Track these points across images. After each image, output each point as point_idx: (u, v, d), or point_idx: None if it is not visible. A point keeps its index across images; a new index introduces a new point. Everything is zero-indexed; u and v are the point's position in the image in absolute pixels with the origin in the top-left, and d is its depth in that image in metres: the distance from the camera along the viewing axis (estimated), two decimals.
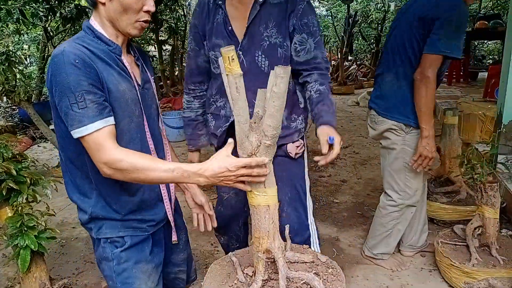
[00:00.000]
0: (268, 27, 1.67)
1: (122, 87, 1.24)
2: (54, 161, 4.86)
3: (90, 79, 1.14)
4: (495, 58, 9.85)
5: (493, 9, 10.19)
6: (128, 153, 1.15)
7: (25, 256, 1.97)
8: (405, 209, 2.40)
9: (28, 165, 2.20)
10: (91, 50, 1.19)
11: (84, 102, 1.12)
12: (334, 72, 9.34)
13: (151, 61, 1.52)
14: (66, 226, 3.27)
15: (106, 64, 1.20)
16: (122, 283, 1.35)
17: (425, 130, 2.12)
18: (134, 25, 1.23)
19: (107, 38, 1.24)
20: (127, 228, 1.34)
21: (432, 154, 2.14)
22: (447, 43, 2.00)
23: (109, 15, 1.22)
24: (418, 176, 2.34)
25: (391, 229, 2.45)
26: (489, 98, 5.01)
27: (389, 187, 2.39)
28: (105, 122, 1.15)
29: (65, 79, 1.12)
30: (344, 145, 5.06)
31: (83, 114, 1.12)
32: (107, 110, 1.17)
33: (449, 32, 1.99)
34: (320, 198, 3.57)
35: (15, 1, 4.24)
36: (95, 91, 1.14)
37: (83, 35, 1.24)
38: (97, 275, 2.59)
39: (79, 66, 1.12)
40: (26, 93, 4.24)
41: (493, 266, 2.15)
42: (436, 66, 2.05)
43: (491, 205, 2.19)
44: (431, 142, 2.13)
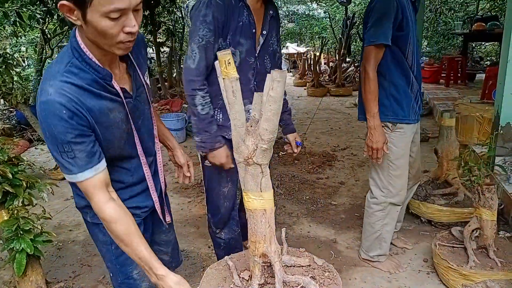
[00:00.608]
0: (273, 36, 2.02)
1: (114, 114, 1.23)
2: (52, 163, 4.84)
3: (78, 130, 1.12)
4: (492, 59, 9.85)
5: (490, 11, 10.20)
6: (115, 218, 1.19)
7: (21, 260, 1.96)
8: (389, 208, 2.38)
9: (24, 168, 2.19)
10: (79, 85, 1.13)
11: (72, 152, 1.12)
12: (332, 74, 9.34)
13: (146, 47, 1.47)
14: (63, 229, 3.25)
15: (95, 96, 1.17)
16: (121, 265, 1.43)
17: (368, 121, 2.14)
18: (117, 46, 1.13)
19: (96, 64, 1.16)
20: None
21: (377, 144, 2.12)
22: (374, 32, 2.05)
23: (89, 37, 1.13)
24: (402, 176, 2.33)
25: (379, 230, 2.44)
26: (486, 100, 5.01)
27: (374, 183, 2.39)
28: (94, 171, 1.16)
29: (52, 130, 1.10)
30: (342, 147, 5.06)
31: (72, 163, 1.14)
32: (97, 156, 1.17)
33: (374, 21, 2.05)
34: (318, 200, 3.57)
35: (12, 3, 4.23)
36: (83, 140, 1.13)
37: (71, 60, 1.15)
38: (94, 279, 2.58)
39: (66, 118, 1.09)
40: (23, 95, 4.23)
41: (490, 269, 2.15)
42: (373, 57, 2.08)
43: (489, 207, 2.18)
44: (374, 133, 2.12)
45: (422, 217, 3.01)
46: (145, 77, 1.39)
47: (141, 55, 1.39)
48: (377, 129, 2.12)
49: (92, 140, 1.17)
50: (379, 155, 2.17)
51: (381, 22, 2.04)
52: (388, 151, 2.21)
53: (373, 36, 2.06)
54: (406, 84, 2.18)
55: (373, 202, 2.41)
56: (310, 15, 15.94)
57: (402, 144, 2.25)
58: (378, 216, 2.41)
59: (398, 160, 2.27)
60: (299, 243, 2.88)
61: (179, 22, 8.80)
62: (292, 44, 14.14)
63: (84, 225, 3.21)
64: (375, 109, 2.11)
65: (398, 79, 2.17)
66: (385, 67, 2.14)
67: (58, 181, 4.30)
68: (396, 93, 2.18)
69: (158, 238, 1.66)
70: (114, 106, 1.23)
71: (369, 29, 2.08)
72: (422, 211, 2.98)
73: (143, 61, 1.40)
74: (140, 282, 1.46)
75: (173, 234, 1.74)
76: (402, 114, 2.20)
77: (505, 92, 3.18)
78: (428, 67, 8.25)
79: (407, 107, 2.20)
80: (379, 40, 2.05)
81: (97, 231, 1.42)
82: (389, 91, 2.18)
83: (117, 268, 1.43)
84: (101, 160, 1.19)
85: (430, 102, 6.61)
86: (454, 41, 10.56)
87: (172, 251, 1.75)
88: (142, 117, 1.38)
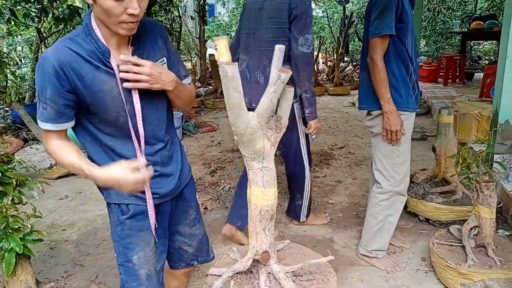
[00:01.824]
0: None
1: (109, 86, 1.30)
2: (46, 163, 4.80)
3: (57, 90, 1.27)
4: (491, 59, 9.84)
5: (488, 9, 10.18)
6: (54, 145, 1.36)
7: (10, 259, 1.92)
8: (394, 197, 2.41)
9: (14, 166, 2.15)
10: (79, 53, 1.27)
11: (46, 105, 1.29)
12: (330, 73, 9.31)
13: (166, 34, 1.49)
14: (56, 228, 3.21)
15: (92, 66, 1.28)
16: (124, 247, 1.48)
17: (383, 106, 2.25)
18: (120, 26, 1.25)
19: (99, 40, 1.28)
20: (131, 197, 1.44)
21: (395, 127, 2.23)
22: (378, 24, 2.17)
23: (97, 15, 1.27)
24: (406, 163, 2.38)
25: (382, 221, 2.45)
26: (485, 98, 4.99)
27: (380, 175, 2.42)
28: (56, 127, 1.33)
29: (38, 81, 1.29)
30: (339, 146, 5.03)
31: (43, 113, 1.32)
32: (64, 118, 1.32)
33: (378, 14, 2.17)
34: (315, 199, 3.52)
35: (5, 0, 4.18)
36: (57, 100, 1.28)
37: (79, 33, 1.31)
38: (87, 278, 2.53)
39: (49, 76, 1.25)
40: (17, 94, 4.19)
41: (489, 267, 2.12)
42: (379, 48, 2.19)
43: (487, 205, 2.15)
44: (391, 116, 2.23)
45: (420, 216, 2.97)
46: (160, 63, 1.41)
47: (156, 43, 1.43)
48: (393, 113, 2.24)
49: (67, 104, 1.30)
50: (399, 136, 2.27)
51: (384, 14, 2.15)
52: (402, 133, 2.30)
53: (378, 28, 2.17)
54: (406, 74, 2.28)
55: (379, 192, 2.44)
56: None
57: (408, 131, 2.33)
58: (383, 206, 2.43)
59: (401, 146, 2.33)
60: (296, 242, 2.83)
61: (176, 21, 8.76)
62: None
63: (78, 225, 3.21)
64: (388, 95, 2.23)
65: (397, 69, 2.26)
66: (385, 58, 2.23)
67: (53, 180, 4.26)
68: (395, 82, 2.27)
69: (182, 229, 1.69)
70: (110, 79, 1.31)
71: (373, 22, 2.19)
72: (420, 209, 2.94)
73: (158, 49, 1.43)
74: (138, 267, 1.49)
75: (200, 229, 1.74)
76: (401, 102, 2.28)
77: (503, 90, 3.15)
78: (427, 66, 8.22)
79: (406, 96, 2.29)
80: (384, 31, 2.16)
81: (109, 210, 1.50)
82: (389, 80, 2.25)
83: (120, 250, 1.49)
84: (65, 122, 1.33)
85: (428, 101, 6.57)
86: (452, 40, 10.54)
87: (198, 245, 1.74)
88: (148, 101, 1.39)
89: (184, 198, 1.64)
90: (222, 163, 4.51)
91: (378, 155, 2.43)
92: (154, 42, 1.42)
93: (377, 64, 2.21)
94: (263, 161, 1.18)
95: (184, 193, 1.63)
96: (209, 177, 4.12)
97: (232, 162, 4.54)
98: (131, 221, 1.46)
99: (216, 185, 3.91)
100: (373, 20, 2.20)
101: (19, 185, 2.12)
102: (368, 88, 2.35)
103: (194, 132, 5.98)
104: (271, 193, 1.22)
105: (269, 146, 1.14)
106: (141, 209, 1.46)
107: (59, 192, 3.94)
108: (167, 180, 1.51)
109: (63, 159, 1.36)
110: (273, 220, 1.25)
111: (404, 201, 2.48)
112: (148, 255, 1.50)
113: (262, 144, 1.15)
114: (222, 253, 2.72)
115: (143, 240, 1.48)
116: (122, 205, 1.46)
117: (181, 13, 8.74)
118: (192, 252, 1.74)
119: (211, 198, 3.61)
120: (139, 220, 1.47)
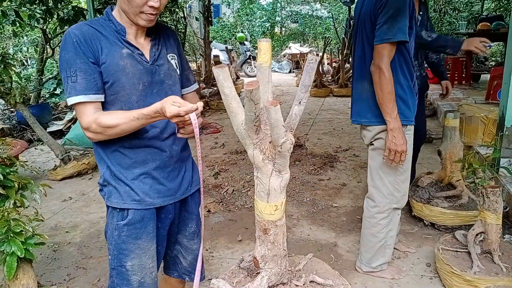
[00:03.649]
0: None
1: (124, 62, 1.37)
2: (51, 163, 4.81)
3: (84, 57, 1.31)
4: (497, 60, 9.76)
5: (495, 10, 10.10)
6: (97, 115, 1.31)
7: (11, 263, 1.91)
8: (392, 213, 2.29)
9: (16, 169, 2.14)
10: (98, 29, 1.36)
11: (76, 77, 1.31)
12: (335, 74, 9.27)
13: (178, 39, 1.61)
14: (59, 231, 3.21)
15: (109, 41, 1.36)
16: (119, 252, 1.48)
17: (389, 123, 2.02)
18: (140, 16, 1.34)
19: (117, 21, 1.39)
20: (132, 201, 1.44)
21: (401, 147, 2.02)
22: (389, 29, 1.94)
23: (120, 5, 1.37)
24: (407, 179, 2.26)
25: (384, 238, 2.33)
26: (491, 100, 4.94)
27: (376, 191, 2.27)
28: (88, 98, 1.31)
29: (65, 55, 1.32)
30: (344, 148, 5.00)
31: (73, 87, 1.31)
32: (96, 88, 1.33)
33: (389, 17, 1.94)
34: (319, 202, 3.50)
35: (10, 2, 4.19)
36: (87, 68, 1.31)
37: (98, 19, 1.42)
38: (89, 282, 2.53)
39: (77, 45, 1.31)
40: (22, 95, 4.20)
41: (495, 274, 2.08)
42: (386, 55, 1.97)
43: (493, 211, 2.12)
44: (397, 134, 2.01)
45: (425, 220, 2.94)
46: (169, 57, 1.50)
47: (168, 40, 1.54)
48: (400, 131, 2.02)
49: (96, 71, 1.33)
50: (403, 158, 2.06)
51: (397, 18, 1.93)
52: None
53: (388, 32, 1.95)
54: (411, 83, 2.11)
55: (376, 211, 2.29)
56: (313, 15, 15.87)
57: (409, 147, 2.15)
58: (383, 225, 2.30)
59: (405, 163, 2.16)
60: (299, 247, 2.82)
61: (181, 22, 8.76)
62: (295, 45, 14.07)
63: (81, 227, 3.21)
64: (396, 110, 2.01)
65: (403, 79, 2.08)
66: (391, 66, 2.02)
67: (57, 181, 4.27)
68: (402, 93, 2.09)
69: (181, 239, 1.69)
70: (127, 56, 1.38)
71: (382, 26, 1.97)
72: (425, 214, 2.91)
73: (170, 46, 1.53)
74: (131, 273, 1.49)
75: (197, 245, 1.71)
76: (410, 115, 2.13)
77: (510, 93, 3.11)
78: None
79: (413, 107, 2.14)
80: (396, 37, 1.95)
81: (108, 212, 1.51)
82: (396, 92, 2.05)
83: (114, 254, 1.49)
84: (98, 93, 1.34)
85: (434, 102, 6.52)
86: None
87: (193, 261, 1.72)
88: (158, 87, 1.44)
89: (187, 208, 1.64)
90: (226, 165, 4.49)
91: (378, 171, 2.24)
92: (167, 39, 1.53)
93: (384, 74, 1.97)
94: (258, 170, 1.15)
95: (189, 203, 1.63)
96: (212, 180, 4.11)
97: (236, 164, 4.53)
98: (129, 228, 1.46)
99: (219, 187, 3.89)
100: (382, 24, 1.96)
101: (22, 188, 2.12)
102: (369, 101, 2.14)
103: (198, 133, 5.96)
104: (262, 206, 1.18)
105: (261, 159, 1.11)
106: (140, 216, 1.46)
107: (63, 193, 3.95)
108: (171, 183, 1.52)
109: (115, 120, 1.30)
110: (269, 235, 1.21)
111: (400, 213, 2.36)
112: (143, 263, 1.50)
113: (252, 153, 1.12)
114: (225, 257, 2.70)
115: (139, 248, 1.48)
116: (122, 209, 1.46)
117: (186, 14, 8.72)
118: (185, 267, 1.73)
119: (215, 200, 3.59)
120: (137, 228, 1.46)
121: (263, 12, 15.20)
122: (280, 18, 16.44)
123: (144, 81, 1.41)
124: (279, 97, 8.81)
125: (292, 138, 1.10)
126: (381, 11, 1.98)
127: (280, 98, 8.65)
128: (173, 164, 1.52)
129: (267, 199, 1.15)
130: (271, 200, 1.15)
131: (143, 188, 1.46)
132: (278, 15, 16.29)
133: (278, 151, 1.08)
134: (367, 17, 2.09)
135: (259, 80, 1.09)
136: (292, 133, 1.12)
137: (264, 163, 1.11)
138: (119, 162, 1.44)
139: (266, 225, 1.19)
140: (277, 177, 1.13)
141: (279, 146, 1.06)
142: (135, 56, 1.40)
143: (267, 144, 1.10)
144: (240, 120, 1.08)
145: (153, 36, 1.47)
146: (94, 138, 1.36)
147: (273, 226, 1.19)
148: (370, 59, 2.09)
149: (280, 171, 1.13)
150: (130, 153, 1.43)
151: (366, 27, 2.10)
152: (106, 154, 1.45)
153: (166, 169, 1.50)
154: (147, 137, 1.43)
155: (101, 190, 1.53)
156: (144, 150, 1.45)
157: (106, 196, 1.49)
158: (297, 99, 1.11)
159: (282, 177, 1.14)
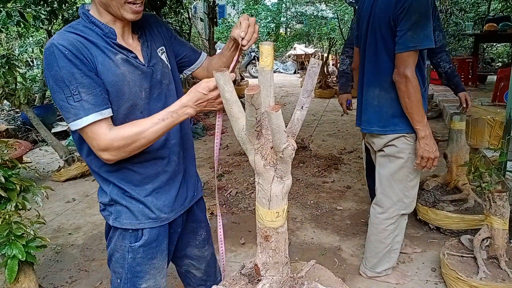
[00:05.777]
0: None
1: (121, 70, 1.22)
2: (55, 165, 4.82)
3: (83, 69, 1.14)
4: (504, 61, 9.67)
5: (502, 11, 10.01)
6: (116, 130, 1.17)
7: (12, 266, 1.90)
8: (399, 219, 2.26)
9: (18, 172, 2.13)
10: (84, 36, 1.18)
11: (79, 95, 1.12)
12: None
13: (159, 21, 1.45)
14: (62, 232, 3.20)
15: (99, 48, 1.19)
16: (133, 275, 1.38)
17: (420, 131, 2.00)
18: (125, 8, 1.20)
19: (101, 23, 1.22)
20: (148, 220, 1.35)
21: (435, 153, 2.01)
22: (413, 36, 1.87)
23: (100, 1, 1.20)
24: (417, 185, 2.24)
25: (390, 244, 2.30)
26: (498, 102, 4.88)
27: (385, 198, 2.24)
28: (101, 115, 1.15)
29: (58, 73, 1.12)
30: (349, 150, 4.96)
31: (79, 107, 1.13)
32: (105, 102, 1.17)
33: (413, 23, 1.86)
34: (323, 205, 3.47)
35: (15, 3, 4.20)
36: (89, 81, 1.14)
37: (77, 22, 1.23)
38: (91, 284, 2.52)
39: (70, 58, 1.12)
40: (26, 96, 4.20)
41: (502, 280, 2.05)
42: (411, 63, 1.91)
43: (500, 216, 2.09)
44: (430, 141, 2.00)
45: (431, 224, 2.90)
46: (158, 53, 1.37)
47: (153, 32, 1.39)
48: (431, 137, 2.01)
49: (99, 82, 1.17)
50: (435, 163, 2.04)
51: (421, 23, 1.85)
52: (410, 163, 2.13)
53: (413, 40, 1.87)
54: (423, 89, 2.06)
55: (384, 218, 2.26)
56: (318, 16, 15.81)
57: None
58: (390, 230, 2.27)
59: (417, 170, 2.15)
60: (302, 250, 2.79)
61: (185, 23, 8.75)
62: (300, 45, 14.03)
63: (84, 229, 3.20)
64: (425, 117, 2.00)
65: (422, 84, 2.03)
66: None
67: (61, 182, 4.27)
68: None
69: (190, 251, 1.61)
70: (122, 62, 1.23)
71: (406, 33, 1.87)
72: (430, 218, 2.87)
73: (157, 38, 1.39)
74: None
75: (209, 250, 1.66)
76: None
77: None
78: None
79: (426, 112, 2.09)
80: (422, 45, 1.88)
81: (116, 235, 1.38)
82: None
83: (128, 278, 1.39)
84: (108, 107, 1.18)
85: (440, 104, 6.47)
86: (465, 42, 10.37)
87: (206, 268, 1.66)
88: (157, 90, 1.33)
89: (194, 217, 1.57)
90: (229, 167, 4.47)
91: (388, 179, 2.21)
92: (151, 31, 1.39)
93: (412, 83, 1.91)
94: (259, 176, 1.12)
95: (195, 211, 1.57)
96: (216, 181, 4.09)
97: (239, 166, 4.51)
98: (144, 249, 1.36)
99: (223, 189, 3.87)
100: (406, 31, 1.87)
101: (24, 191, 2.10)
102: (381, 109, 2.11)
103: (202, 135, 5.96)
104: (263, 212, 1.16)
105: (262, 164, 1.08)
106: (155, 234, 1.37)
107: (66, 195, 3.95)
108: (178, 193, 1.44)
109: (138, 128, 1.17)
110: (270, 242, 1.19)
111: (407, 218, 2.33)
112: (158, 283, 1.43)
113: (253, 158, 1.09)
114: (228, 260, 2.68)
115: (154, 268, 1.40)
116: (135, 230, 1.35)
117: (191, 15, 8.72)
118: (200, 277, 1.66)
119: (218, 202, 3.57)
120: (153, 247, 1.38)
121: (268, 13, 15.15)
122: (285, 19, 16.40)
123: (145, 87, 1.28)
124: (284, 98, 8.79)
125: (294, 144, 1.08)
126: (403, 16, 1.89)
127: (284, 99, 8.63)
128: (182, 171, 1.44)
129: (269, 205, 1.13)
130: (273, 207, 1.12)
131: (157, 204, 1.36)
132: (283, 16, 16.25)
133: (279, 156, 1.05)
134: (383, 21, 1.99)
135: (261, 84, 1.06)
136: (294, 138, 1.10)
137: (266, 169, 1.08)
138: (129, 180, 1.32)
139: (268, 232, 1.16)
140: (278, 183, 1.11)
141: (280, 152, 1.04)
142: (131, 60, 1.25)
143: (268, 150, 1.08)
144: (241, 125, 1.06)
145: (139, 33, 1.33)
146: (112, 159, 1.20)
147: (275, 233, 1.16)
148: (384, 64, 2.04)
149: (282, 177, 1.10)
150: (139, 168, 1.31)
151: (382, 30, 2.02)
152: (111, 173, 1.31)
153: (177, 178, 1.41)
154: (155, 148, 1.31)
155: (103, 210, 1.40)
156: (155, 163, 1.34)
157: (113, 217, 1.35)
158: (299, 104, 1.08)
159: (284, 183, 1.11)
